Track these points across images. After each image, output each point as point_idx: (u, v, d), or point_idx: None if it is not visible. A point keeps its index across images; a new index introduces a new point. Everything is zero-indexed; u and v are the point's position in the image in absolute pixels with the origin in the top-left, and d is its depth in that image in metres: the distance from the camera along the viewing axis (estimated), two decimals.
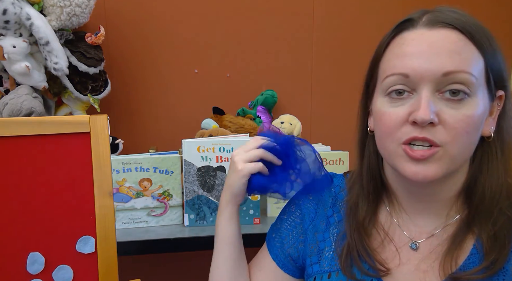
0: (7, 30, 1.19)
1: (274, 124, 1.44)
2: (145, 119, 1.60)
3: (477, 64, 0.53)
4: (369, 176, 0.65)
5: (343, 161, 1.17)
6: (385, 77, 0.57)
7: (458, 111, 0.52)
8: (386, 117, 0.56)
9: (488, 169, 0.57)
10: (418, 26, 0.55)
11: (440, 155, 0.53)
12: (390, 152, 0.57)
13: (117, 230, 0.79)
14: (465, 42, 0.53)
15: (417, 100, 0.53)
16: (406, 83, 0.54)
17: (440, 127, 0.52)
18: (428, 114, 0.51)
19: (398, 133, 0.55)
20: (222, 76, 1.61)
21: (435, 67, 0.52)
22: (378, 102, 0.58)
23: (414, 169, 0.54)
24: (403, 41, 0.56)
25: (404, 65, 0.54)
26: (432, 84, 0.52)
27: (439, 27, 0.54)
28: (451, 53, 0.52)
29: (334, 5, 1.63)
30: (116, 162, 1.08)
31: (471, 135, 0.53)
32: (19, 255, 0.73)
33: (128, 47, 1.54)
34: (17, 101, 1.18)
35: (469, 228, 0.58)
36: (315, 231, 0.69)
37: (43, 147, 0.74)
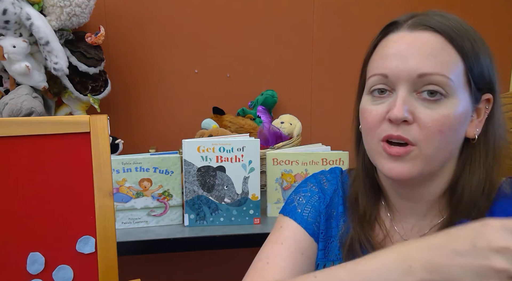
0: (7, 30, 1.19)
1: (274, 124, 1.44)
2: (145, 119, 1.60)
3: (454, 67, 0.54)
4: (365, 173, 0.67)
5: (343, 161, 1.18)
6: (369, 76, 0.60)
7: (433, 111, 0.54)
8: (367, 114, 0.59)
9: (469, 170, 0.58)
10: (401, 28, 0.58)
11: (415, 154, 0.55)
12: (371, 148, 0.59)
13: (117, 230, 0.79)
14: (444, 45, 0.55)
15: (394, 99, 0.56)
16: (386, 82, 0.57)
17: (415, 126, 0.54)
18: (401, 112, 0.53)
19: (377, 130, 0.57)
20: (222, 76, 1.61)
21: (411, 68, 0.54)
22: (363, 100, 0.61)
23: (390, 166, 0.56)
24: (386, 43, 0.58)
25: (384, 66, 0.57)
26: (408, 84, 0.55)
27: (420, 29, 0.56)
28: (428, 56, 0.54)
29: (334, 5, 1.63)
30: (116, 162, 1.08)
31: (446, 135, 0.54)
32: (19, 255, 0.73)
33: (128, 47, 1.54)
34: (17, 101, 1.18)
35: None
36: (326, 218, 0.69)
37: (43, 147, 0.74)
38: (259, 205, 1.16)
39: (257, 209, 1.16)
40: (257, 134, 1.39)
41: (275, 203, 1.20)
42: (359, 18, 1.65)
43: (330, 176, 0.74)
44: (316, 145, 1.31)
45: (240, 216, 1.15)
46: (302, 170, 1.18)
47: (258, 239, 1.12)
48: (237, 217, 1.15)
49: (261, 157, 1.21)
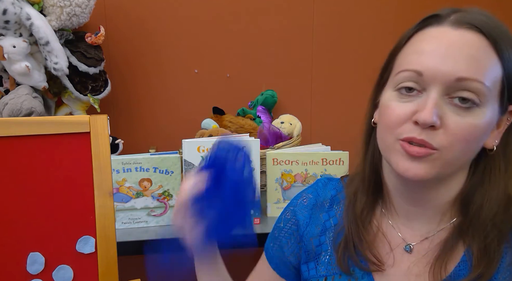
0: (7, 30, 1.19)
1: (274, 124, 1.44)
2: (145, 119, 1.60)
3: (494, 74, 0.51)
4: (371, 169, 0.64)
5: (343, 161, 1.17)
6: (399, 71, 0.55)
7: (463, 119, 0.51)
8: (390, 111, 0.55)
9: (490, 182, 0.56)
10: (443, 23, 0.53)
11: (435, 157, 0.52)
12: (387, 145, 0.56)
13: (117, 230, 0.79)
14: (487, 48, 0.51)
15: (424, 100, 0.52)
16: (418, 80, 0.53)
17: (440, 131, 0.51)
18: (431, 117, 0.50)
19: (399, 129, 0.54)
20: (222, 76, 1.61)
21: (449, 70, 0.50)
22: (387, 94, 0.58)
23: (406, 165, 0.53)
24: (424, 37, 0.54)
25: (419, 62, 0.52)
26: (442, 86, 0.51)
27: (465, 27, 0.52)
28: (469, 58, 0.50)
29: (334, 5, 1.63)
30: (116, 162, 1.08)
31: (470, 144, 0.52)
32: (19, 255, 0.73)
33: (128, 47, 1.54)
34: (17, 101, 1.18)
35: (460, 237, 0.57)
36: (310, 237, 0.68)
37: (43, 147, 0.74)
38: (259, 205, 1.16)
39: (257, 209, 1.16)
40: (257, 134, 1.39)
41: (275, 203, 1.20)
42: (359, 18, 1.65)
43: (311, 188, 0.73)
44: (316, 145, 1.31)
45: None
46: (302, 170, 1.18)
47: (258, 239, 1.11)
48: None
49: (261, 157, 1.21)
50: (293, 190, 1.19)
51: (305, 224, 0.69)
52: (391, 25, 1.60)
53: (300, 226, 0.70)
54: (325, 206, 0.70)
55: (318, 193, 0.72)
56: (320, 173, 1.18)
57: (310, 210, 0.70)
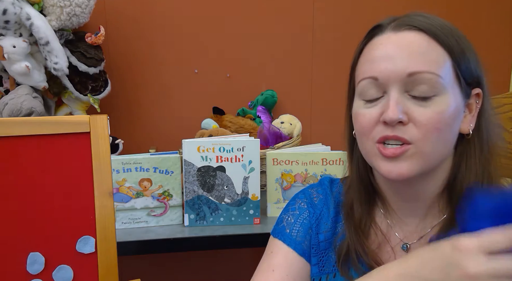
0: (7, 30, 1.19)
1: (274, 124, 1.45)
2: (145, 119, 1.60)
3: (443, 63, 0.54)
4: (359, 179, 0.66)
5: (343, 161, 1.17)
6: (359, 81, 0.59)
7: (427, 109, 0.54)
8: (361, 118, 0.58)
9: (466, 167, 0.58)
10: (385, 30, 0.58)
11: (412, 152, 0.54)
12: (367, 151, 0.59)
13: (117, 230, 0.79)
14: (430, 43, 0.55)
15: (386, 101, 0.55)
16: (376, 85, 0.56)
17: (411, 125, 0.54)
18: (396, 114, 0.53)
19: (372, 132, 0.57)
20: (222, 76, 1.61)
21: (400, 68, 0.54)
22: (356, 104, 0.61)
23: (388, 168, 0.55)
24: (372, 46, 0.58)
25: (373, 68, 0.57)
26: (399, 84, 0.54)
27: (404, 29, 0.56)
28: (415, 54, 0.54)
29: (334, 5, 1.63)
30: (116, 162, 1.08)
31: (442, 132, 0.54)
32: (19, 255, 0.73)
33: (128, 47, 1.54)
34: (17, 101, 1.18)
35: (452, 228, 0.58)
36: (317, 232, 0.69)
37: (43, 147, 0.74)
38: (259, 205, 1.16)
39: (257, 209, 1.16)
40: (257, 134, 1.39)
41: (275, 203, 1.20)
42: (359, 18, 1.65)
43: (320, 188, 0.73)
44: (316, 145, 1.31)
45: (240, 216, 1.15)
46: (302, 170, 1.18)
47: (258, 239, 1.12)
48: (237, 217, 1.15)
49: (261, 157, 1.21)
50: (293, 190, 1.19)
51: (315, 218, 0.70)
52: None
53: (312, 218, 0.70)
54: (333, 204, 0.70)
55: (326, 192, 0.72)
56: (320, 173, 1.18)
57: (321, 205, 0.71)
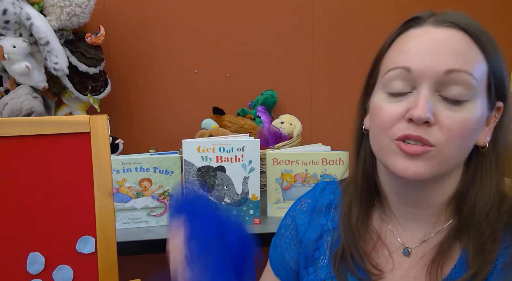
0: (7, 30, 1.19)
1: (274, 124, 1.45)
2: (145, 119, 1.60)
3: (480, 67, 0.52)
4: (363, 177, 0.64)
5: (343, 161, 1.18)
6: (387, 71, 0.56)
7: (455, 113, 0.51)
8: (382, 112, 0.55)
9: (481, 181, 0.56)
10: (424, 24, 0.55)
11: (432, 155, 0.52)
12: (382, 147, 0.56)
13: (117, 230, 0.79)
14: (470, 43, 0.52)
15: (415, 97, 0.52)
16: (407, 77, 0.53)
17: (435, 128, 0.51)
18: (425, 112, 0.50)
19: (393, 128, 0.54)
20: (222, 76, 1.61)
21: (437, 64, 0.51)
22: (377, 97, 0.58)
23: (405, 165, 0.53)
24: (407, 38, 0.55)
25: (407, 59, 0.53)
26: (432, 82, 0.52)
27: (446, 26, 0.53)
28: (455, 52, 0.51)
29: (334, 5, 1.63)
30: (116, 162, 1.08)
31: (465, 139, 0.53)
32: (19, 255, 0.73)
33: (128, 47, 1.54)
34: (17, 101, 1.18)
35: (457, 237, 0.57)
36: (308, 242, 0.68)
37: (43, 147, 0.74)
38: (259, 205, 1.16)
39: (257, 209, 1.16)
40: (257, 134, 1.39)
41: (275, 203, 1.20)
42: (359, 18, 1.65)
43: (309, 195, 0.73)
44: (316, 145, 1.31)
45: (240, 216, 1.15)
46: (302, 170, 1.18)
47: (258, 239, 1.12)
48: (237, 217, 1.15)
49: (261, 157, 1.21)
50: (293, 190, 1.19)
51: (304, 230, 0.70)
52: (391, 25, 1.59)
53: (299, 231, 0.70)
54: (323, 211, 0.70)
55: (316, 198, 0.72)
56: (320, 173, 1.18)
57: (308, 215, 0.70)
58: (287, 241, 0.72)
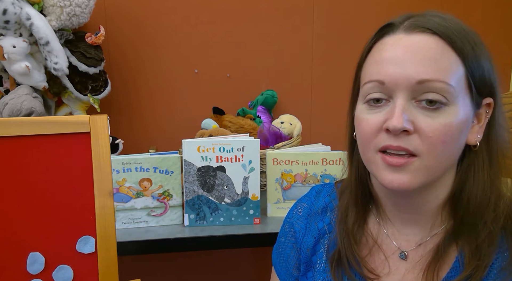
0: (7, 30, 1.19)
1: (274, 124, 1.45)
2: (145, 119, 1.60)
3: (455, 72, 0.51)
4: (358, 182, 0.64)
5: (343, 161, 1.17)
6: (364, 83, 0.56)
7: (434, 120, 0.51)
8: (363, 124, 0.56)
9: (474, 179, 0.55)
10: (397, 31, 0.54)
11: (417, 165, 0.52)
12: (368, 158, 0.56)
13: (117, 230, 0.79)
14: (444, 48, 0.51)
15: (392, 107, 0.52)
16: (382, 90, 0.53)
17: (415, 136, 0.51)
18: (400, 122, 0.50)
19: (374, 140, 0.54)
20: (222, 76, 1.61)
21: (409, 74, 0.51)
22: (358, 108, 0.58)
23: (390, 177, 0.53)
24: (381, 47, 0.55)
25: (380, 71, 0.53)
26: (407, 91, 0.51)
27: (418, 31, 0.52)
28: (427, 60, 0.50)
29: (334, 5, 1.63)
30: (116, 162, 1.08)
31: (448, 145, 0.52)
32: (19, 255, 0.73)
33: (128, 47, 1.54)
34: (17, 101, 1.18)
35: (453, 240, 0.57)
36: (307, 248, 0.68)
37: (43, 147, 0.74)
38: (259, 205, 1.16)
39: (257, 209, 1.16)
40: (257, 134, 1.39)
41: (275, 203, 1.20)
42: (359, 18, 1.65)
43: (305, 199, 0.73)
44: (316, 145, 1.31)
45: (240, 216, 1.15)
46: (302, 170, 1.18)
47: (258, 239, 1.12)
48: (237, 217, 1.15)
49: (261, 157, 1.21)
50: (293, 190, 1.19)
51: (302, 235, 0.70)
52: None
53: (298, 238, 0.70)
54: (319, 214, 0.70)
55: (312, 202, 0.72)
56: (320, 173, 1.18)
57: (305, 219, 0.70)
58: (287, 249, 0.72)
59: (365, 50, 0.59)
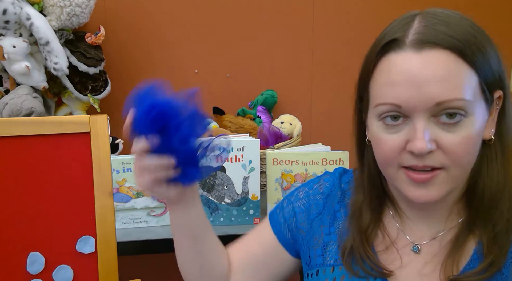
0: (7, 30, 1.19)
1: (274, 124, 1.44)
2: None
3: (470, 84, 0.51)
4: (370, 185, 0.64)
5: (343, 161, 1.17)
6: (377, 104, 0.55)
7: (455, 134, 0.51)
8: (382, 144, 0.55)
9: (487, 171, 0.56)
10: (404, 47, 0.52)
11: (443, 177, 0.52)
12: (390, 175, 0.57)
13: (117, 230, 0.79)
14: (456, 62, 0.50)
15: (412, 128, 0.52)
16: (399, 111, 0.53)
17: (439, 152, 0.51)
18: (425, 145, 0.50)
19: (397, 159, 0.54)
20: (222, 76, 1.61)
21: (427, 97, 0.50)
22: (374, 126, 0.57)
23: (417, 194, 0.53)
24: (390, 68, 0.53)
25: (394, 95, 0.52)
26: (425, 112, 0.51)
27: (428, 48, 0.50)
28: (442, 81, 0.49)
29: (334, 5, 1.63)
30: (116, 162, 1.08)
31: (471, 154, 0.53)
32: (19, 255, 0.73)
33: (128, 47, 1.54)
34: (17, 101, 1.18)
35: (470, 231, 0.58)
36: (321, 224, 0.68)
37: (43, 147, 0.74)
38: (259, 205, 1.16)
39: (257, 209, 1.16)
40: (257, 134, 1.39)
41: (275, 203, 1.20)
42: (359, 18, 1.65)
43: (328, 178, 0.73)
44: (316, 145, 1.30)
45: (240, 216, 1.15)
46: (302, 170, 1.18)
47: None
48: (237, 217, 1.15)
49: (261, 157, 1.21)
50: None
51: (318, 211, 0.69)
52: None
53: (312, 210, 0.70)
54: (338, 197, 0.70)
55: (334, 183, 0.71)
56: (320, 173, 1.18)
57: (324, 198, 0.70)
58: (295, 210, 0.72)
59: (370, 66, 0.56)
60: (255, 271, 0.72)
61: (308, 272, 0.68)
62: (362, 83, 0.59)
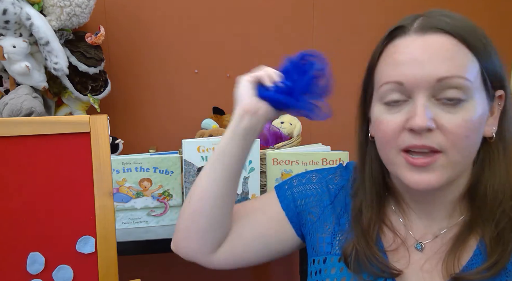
0: (7, 30, 1.19)
1: (274, 124, 1.44)
2: (145, 119, 1.60)
3: (472, 68, 0.52)
4: (371, 183, 0.64)
5: (343, 161, 1.17)
6: (380, 85, 0.57)
7: (455, 116, 0.52)
8: (383, 125, 0.56)
9: (490, 169, 0.57)
10: (409, 32, 0.55)
11: (442, 161, 0.53)
12: (390, 160, 0.57)
13: (117, 230, 0.79)
14: (458, 46, 0.53)
15: (413, 106, 0.53)
16: (401, 90, 0.54)
17: (438, 133, 0.52)
18: (425, 121, 0.51)
19: (397, 140, 0.55)
20: (222, 76, 1.61)
21: (428, 73, 0.52)
22: (376, 110, 0.59)
23: (416, 178, 0.54)
24: (395, 49, 0.55)
25: (397, 73, 0.54)
26: (427, 90, 0.52)
27: (431, 32, 0.53)
28: (445, 59, 0.52)
29: (334, 5, 1.63)
30: (116, 162, 1.08)
31: (471, 139, 0.53)
32: (19, 255, 0.73)
33: (128, 47, 1.54)
34: (17, 101, 1.18)
35: (472, 229, 0.58)
36: (333, 213, 0.68)
37: (43, 147, 0.74)
38: None
39: None
40: None
41: None
42: (359, 17, 1.65)
43: (345, 173, 0.73)
44: (316, 145, 1.31)
45: None
46: (302, 170, 1.18)
47: None
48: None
49: (261, 157, 1.21)
50: None
51: (331, 199, 0.69)
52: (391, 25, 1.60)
53: (325, 197, 0.70)
54: (349, 189, 0.70)
55: (349, 177, 0.72)
56: None
57: (338, 189, 0.70)
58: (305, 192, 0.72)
59: (376, 53, 0.59)
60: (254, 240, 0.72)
61: (314, 257, 0.68)
62: (368, 73, 0.62)
